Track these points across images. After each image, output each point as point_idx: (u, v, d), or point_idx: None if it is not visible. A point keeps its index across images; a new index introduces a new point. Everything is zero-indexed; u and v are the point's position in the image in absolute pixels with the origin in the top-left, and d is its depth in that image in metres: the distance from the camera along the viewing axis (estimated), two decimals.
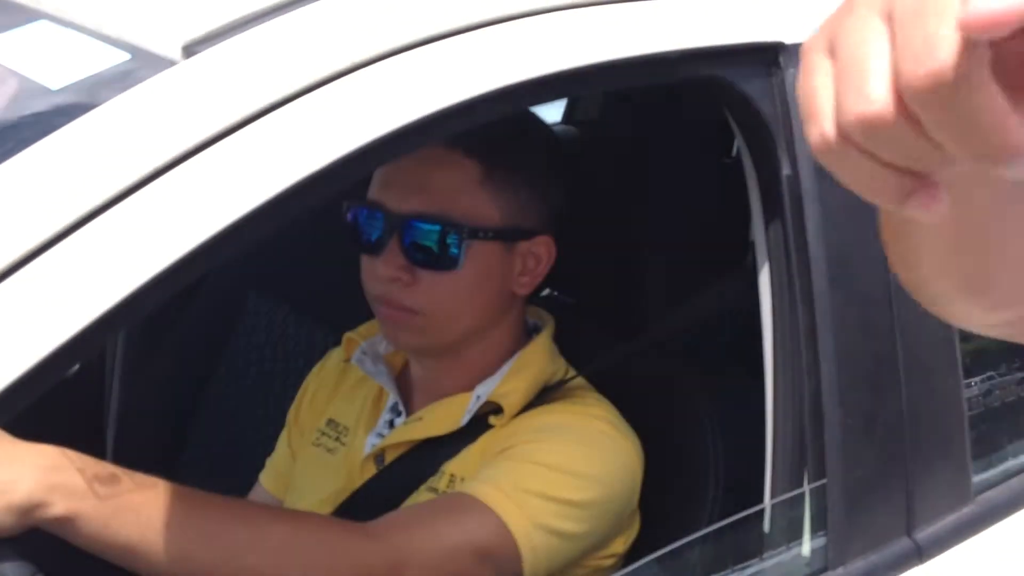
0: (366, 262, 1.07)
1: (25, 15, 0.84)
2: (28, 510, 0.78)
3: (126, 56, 0.75)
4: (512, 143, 1.04)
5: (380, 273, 1.04)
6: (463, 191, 1.03)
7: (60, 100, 0.74)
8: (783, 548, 0.96)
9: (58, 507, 0.79)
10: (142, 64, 0.74)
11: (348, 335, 1.19)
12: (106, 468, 0.83)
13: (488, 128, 0.83)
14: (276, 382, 1.59)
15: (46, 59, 0.79)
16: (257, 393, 1.61)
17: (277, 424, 1.55)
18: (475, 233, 1.03)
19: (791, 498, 0.95)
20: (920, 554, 1.01)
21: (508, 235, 1.05)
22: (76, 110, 0.70)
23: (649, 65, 0.89)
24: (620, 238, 1.22)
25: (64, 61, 0.77)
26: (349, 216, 1.07)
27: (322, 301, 1.58)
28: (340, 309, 1.54)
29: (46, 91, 0.75)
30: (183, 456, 1.65)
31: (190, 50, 0.74)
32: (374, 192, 1.06)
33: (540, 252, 1.08)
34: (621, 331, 1.20)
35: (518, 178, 1.05)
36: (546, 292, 1.36)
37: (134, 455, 1.52)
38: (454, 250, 1.02)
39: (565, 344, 1.13)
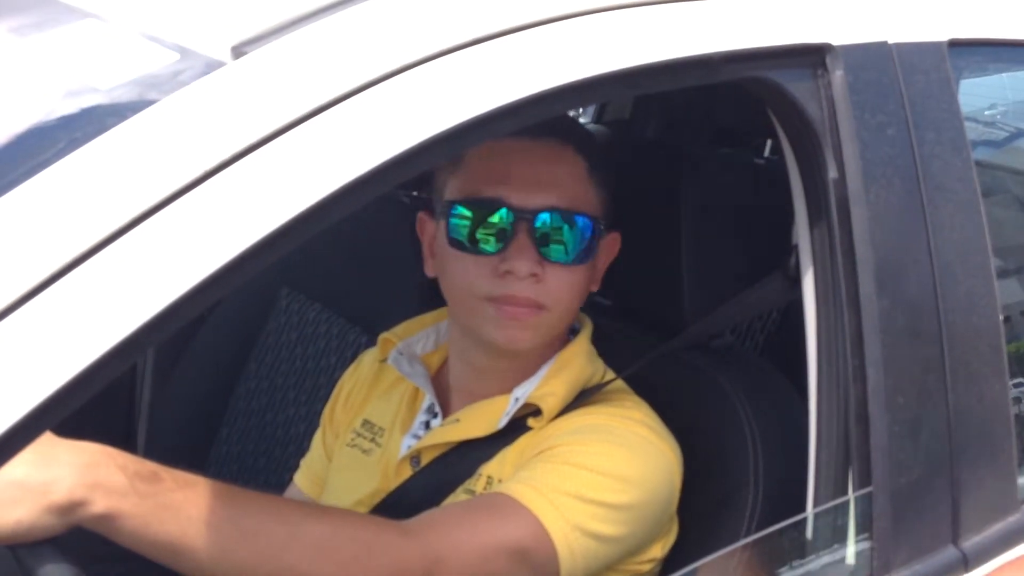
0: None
1: (74, 15, 0.84)
2: (69, 509, 0.78)
3: (175, 56, 0.75)
4: (597, 141, 1.08)
5: (515, 270, 0.99)
6: (581, 186, 1.04)
7: (109, 100, 0.74)
8: (826, 556, 0.94)
9: (99, 505, 0.79)
10: (191, 65, 0.73)
11: (384, 335, 1.19)
12: (147, 466, 0.83)
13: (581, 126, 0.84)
14: (307, 380, 1.59)
15: (95, 59, 0.79)
16: (287, 391, 1.61)
17: (307, 422, 1.55)
18: (600, 226, 1.05)
19: (834, 505, 0.94)
20: (966, 563, 1.00)
21: (607, 230, 1.08)
22: (125, 110, 0.70)
23: (695, 67, 0.88)
24: (655, 238, 1.21)
25: (113, 61, 0.77)
26: (451, 215, 1.02)
27: (354, 301, 1.58)
28: (372, 309, 1.54)
29: (95, 91, 0.75)
30: (212, 453, 1.65)
31: (239, 51, 0.73)
32: (488, 189, 1.01)
33: (612, 248, 1.11)
34: (658, 333, 1.19)
35: (604, 175, 1.07)
36: None
37: (165, 452, 1.53)
38: (592, 243, 1.03)
39: (602, 346, 1.12)
